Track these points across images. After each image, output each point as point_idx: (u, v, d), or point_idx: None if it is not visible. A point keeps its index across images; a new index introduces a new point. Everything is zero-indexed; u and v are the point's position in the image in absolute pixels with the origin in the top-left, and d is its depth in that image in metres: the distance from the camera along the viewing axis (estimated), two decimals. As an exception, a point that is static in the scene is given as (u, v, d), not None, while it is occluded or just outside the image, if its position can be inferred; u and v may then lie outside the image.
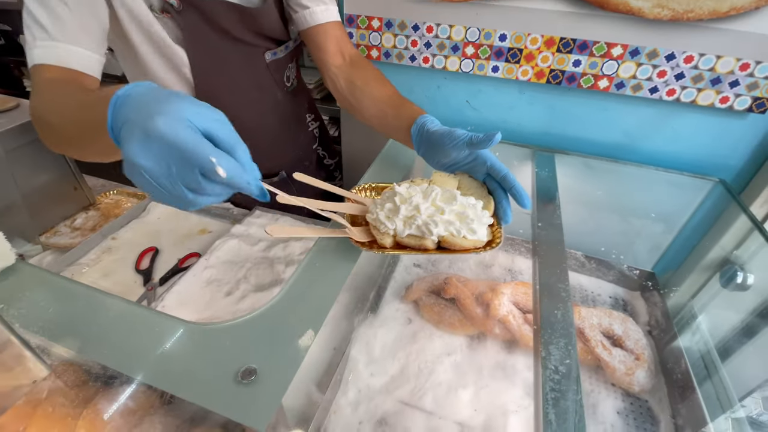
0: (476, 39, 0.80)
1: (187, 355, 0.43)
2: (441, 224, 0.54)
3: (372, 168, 0.78)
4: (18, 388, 0.39)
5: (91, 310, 0.47)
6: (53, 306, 0.45)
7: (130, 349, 0.43)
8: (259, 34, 0.84)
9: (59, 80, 0.61)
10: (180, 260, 0.94)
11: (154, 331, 0.45)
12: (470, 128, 0.93)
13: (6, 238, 0.52)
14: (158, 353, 0.43)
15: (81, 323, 0.45)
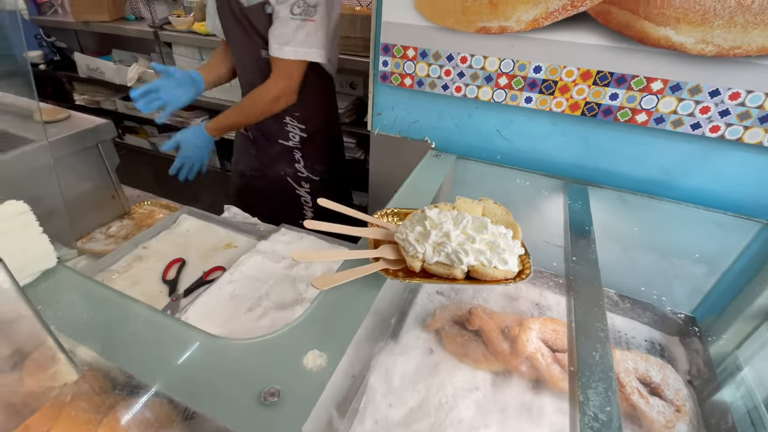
0: (510, 70, 0.80)
1: (212, 369, 0.42)
2: (472, 253, 0.53)
3: (398, 194, 0.78)
4: (49, 389, 0.39)
5: (124, 317, 0.47)
6: (88, 311, 0.46)
7: (157, 359, 0.43)
8: (255, 31, 1.02)
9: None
10: (205, 273, 0.95)
11: (182, 343, 0.45)
12: (499, 157, 0.93)
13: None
14: (184, 365, 0.43)
15: (112, 330, 0.46)
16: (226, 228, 1.11)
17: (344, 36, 1.63)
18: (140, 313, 0.48)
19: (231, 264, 0.96)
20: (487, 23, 0.78)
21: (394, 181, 1.07)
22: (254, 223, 1.13)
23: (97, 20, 2.21)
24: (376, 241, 0.62)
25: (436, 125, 0.94)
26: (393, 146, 1.02)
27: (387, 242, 0.61)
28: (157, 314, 0.49)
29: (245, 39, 1.07)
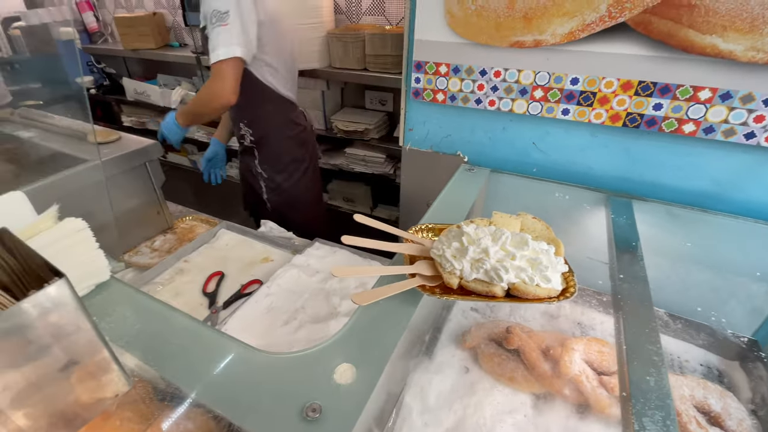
0: (546, 83, 0.79)
1: (255, 383, 0.43)
2: (512, 270, 0.52)
3: (432, 209, 0.78)
4: (101, 400, 0.41)
5: (172, 330, 0.49)
6: (138, 323, 0.49)
7: (201, 371, 0.45)
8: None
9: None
10: (243, 286, 0.98)
11: (226, 355, 0.46)
12: (536, 170, 0.92)
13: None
14: (227, 378, 0.44)
15: (161, 342, 0.48)
16: (263, 242, 1.14)
17: (374, 54, 1.67)
18: (188, 327, 0.50)
19: (268, 277, 0.98)
20: (521, 37, 0.77)
21: (425, 195, 1.07)
22: (289, 238, 1.16)
23: (144, 48, 2.38)
24: (411, 256, 0.61)
25: (468, 139, 0.93)
26: (424, 161, 1.02)
27: (423, 258, 0.60)
28: (204, 327, 0.50)
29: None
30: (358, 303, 0.47)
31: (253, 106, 1.31)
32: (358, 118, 1.91)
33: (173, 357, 0.46)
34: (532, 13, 0.75)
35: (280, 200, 1.49)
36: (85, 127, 1.22)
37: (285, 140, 1.40)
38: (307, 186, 1.52)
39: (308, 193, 1.54)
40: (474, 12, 0.78)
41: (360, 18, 1.91)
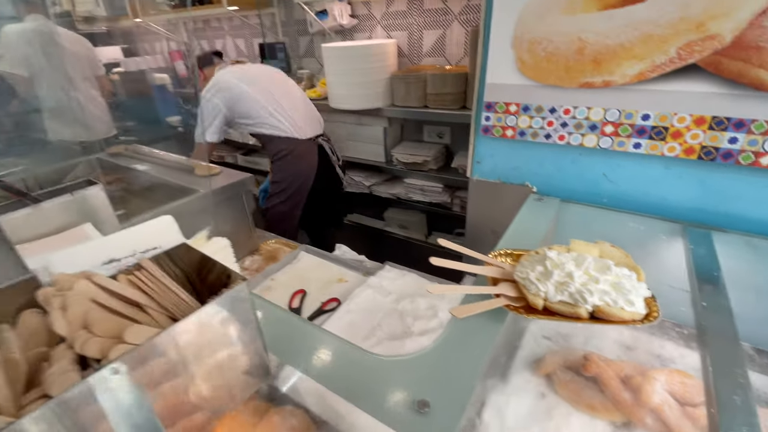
0: (616, 119, 0.84)
1: (370, 380, 0.51)
2: (596, 293, 0.56)
3: (506, 236, 0.83)
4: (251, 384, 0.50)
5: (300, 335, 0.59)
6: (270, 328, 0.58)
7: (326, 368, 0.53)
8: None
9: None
10: (323, 303, 1.08)
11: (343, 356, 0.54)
12: (606, 200, 0.94)
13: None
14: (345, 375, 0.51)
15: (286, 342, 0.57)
16: (338, 264, 1.24)
17: (435, 93, 1.79)
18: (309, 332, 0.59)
19: (344, 296, 1.08)
20: (590, 78, 0.84)
21: (491, 223, 1.13)
22: (361, 260, 1.25)
23: (227, 91, 2.71)
24: (494, 278, 0.67)
25: (536, 171, 0.99)
26: (491, 191, 1.09)
27: (505, 280, 0.66)
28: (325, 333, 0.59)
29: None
30: (456, 315, 0.54)
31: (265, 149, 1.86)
32: (417, 150, 2.02)
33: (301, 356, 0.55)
34: (601, 57, 0.81)
35: (270, 201, 1.87)
36: (190, 162, 1.43)
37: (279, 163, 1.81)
38: (287, 199, 1.84)
39: (285, 206, 1.86)
40: (544, 58, 0.86)
41: (421, 59, 2.06)
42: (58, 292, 0.38)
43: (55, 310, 0.36)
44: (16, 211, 0.68)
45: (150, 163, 1.53)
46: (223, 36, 2.93)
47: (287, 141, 1.75)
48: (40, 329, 0.38)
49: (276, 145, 1.76)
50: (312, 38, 2.42)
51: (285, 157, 1.77)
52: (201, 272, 0.58)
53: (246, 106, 1.71)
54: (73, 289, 0.37)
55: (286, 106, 1.74)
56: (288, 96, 1.78)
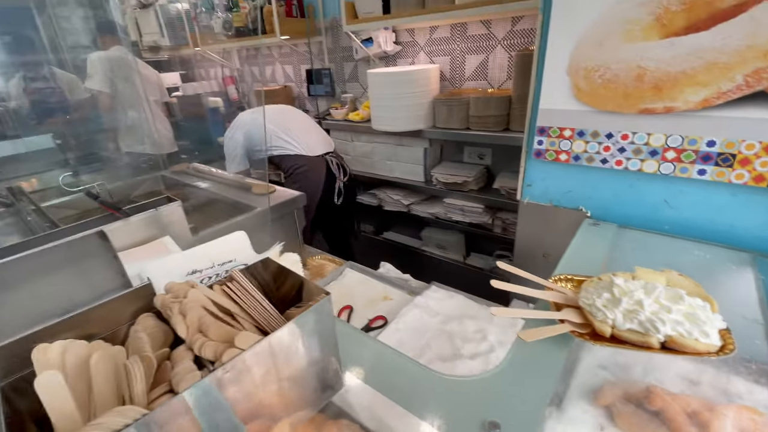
0: (679, 145, 0.83)
1: (439, 398, 0.52)
2: (669, 323, 0.55)
3: (563, 261, 0.83)
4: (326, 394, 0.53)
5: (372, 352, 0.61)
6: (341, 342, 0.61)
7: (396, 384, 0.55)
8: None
9: None
10: (370, 320, 1.10)
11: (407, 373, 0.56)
12: (668, 227, 0.92)
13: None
14: (415, 392, 0.53)
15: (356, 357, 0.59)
16: (383, 282, 1.26)
17: (477, 115, 1.81)
18: (375, 347, 0.61)
19: (390, 314, 1.09)
20: (651, 105, 0.83)
21: (542, 246, 1.12)
22: (406, 279, 1.27)
23: (273, 113, 2.87)
24: (556, 303, 0.67)
25: (591, 195, 0.98)
26: (542, 214, 1.08)
27: (568, 306, 0.66)
28: (391, 350, 0.61)
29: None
30: (524, 339, 0.55)
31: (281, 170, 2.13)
32: (457, 170, 2.04)
33: (366, 367, 0.57)
34: (662, 84, 0.81)
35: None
36: (246, 180, 1.52)
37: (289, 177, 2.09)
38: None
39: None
40: (601, 84, 0.87)
41: (463, 83, 2.11)
42: (175, 299, 0.42)
43: (176, 315, 0.40)
44: (112, 222, 0.75)
45: (209, 180, 1.64)
46: (273, 62, 3.12)
47: (297, 158, 2.04)
48: (157, 331, 0.43)
49: (287, 162, 2.06)
50: (356, 64, 2.53)
51: (296, 172, 2.05)
52: (275, 284, 0.62)
53: (258, 134, 2.05)
54: (188, 296, 0.42)
55: (295, 130, 2.06)
56: (297, 122, 2.12)
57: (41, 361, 0.41)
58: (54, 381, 0.37)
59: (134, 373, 0.34)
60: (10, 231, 1.30)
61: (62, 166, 2.01)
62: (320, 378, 0.51)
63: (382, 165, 2.32)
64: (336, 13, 2.46)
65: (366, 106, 2.31)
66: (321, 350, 0.49)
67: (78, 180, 1.65)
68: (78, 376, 0.41)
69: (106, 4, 2.53)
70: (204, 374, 0.36)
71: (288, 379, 0.46)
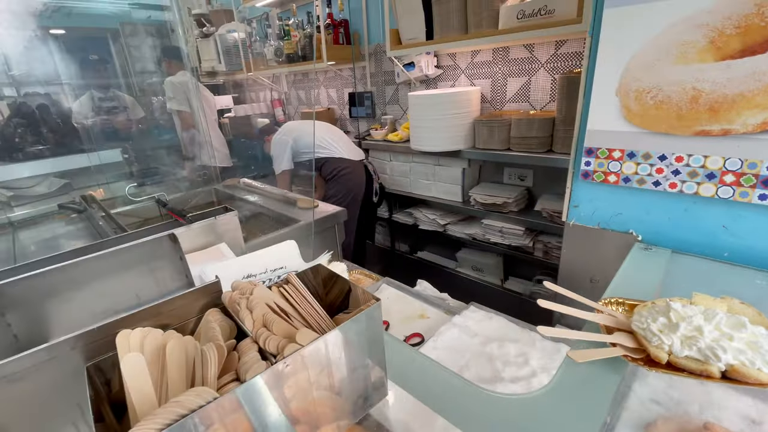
0: (738, 168, 0.80)
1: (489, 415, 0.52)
2: (730, 351, 0.52)
3: (613, 284, 0.80)
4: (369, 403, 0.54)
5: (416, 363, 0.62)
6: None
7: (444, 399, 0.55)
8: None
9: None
10: (406, 337, 1.10)
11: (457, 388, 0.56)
12: (727, 254, 0.87)
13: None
14: (462, 407, 0.53)
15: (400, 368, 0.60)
16: (419, 300, 1.27)
17: (519, 137, 1.81)
18: (421, 361, 0.62)
19: (427, 332, 1.09)
20: (707, 127, 0.81)
21: (589, 270, 1.09)
22: (443, 299, 1.27)
23: (316, 133, 3.02)
24: (606, 327, 0.65)
25: (642, 218, 0.95)
26: (589, 237, 1.06)
27: (619, 330, 0.64)
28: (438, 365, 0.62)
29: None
30: (575, 359, 0.54)
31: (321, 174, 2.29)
32: (497, 191, 2.03)
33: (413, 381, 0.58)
34: (718, 106, 0.79)
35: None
36: (293, 195, 1.60)
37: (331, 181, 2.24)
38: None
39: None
40: (653, 106, 0.86)
41: (504, 105, 2.12)
42: (242, 296, 0.46)
43: (244, 309, 0.44)
44: (178, 228, 0.83)
45: (257, 194, 1.74)
46: (318, 86, 3.29)
47: (340, 161, 2.23)
48: (224, 324, 0.47)
49: (331, 165, 2.22)
50: (397, 87, 2.62)
51: (339, 174, 2.21)
52: (324, 289, 0.65)
53: (305, 139, 2.29)
54: (253, 294, 0.46)
55: (335, 138, 2.29)
56: (338, 134, 2.36)
57: (124, 345, 0.46)
58: (137, 362, 0.41)
59: (209, 357, 0.38)
60: (82, 234, 1.44)
61: (127, 177, 2.20)
62: (368, 382, 0.52)
63: (418, 184, 2.35)
64: (380, 40, 2.58)
65: (405, 127, 2.37)
66: (369, 355, 0.51)
67: (141, 190, 1.81)
68: (154, 361, 0.45)
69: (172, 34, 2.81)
70: (268, 365, 0.39)
71: (339, 380, 0.48)
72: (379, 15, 2.50)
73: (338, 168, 2.22)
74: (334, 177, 2.22)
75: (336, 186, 2.22)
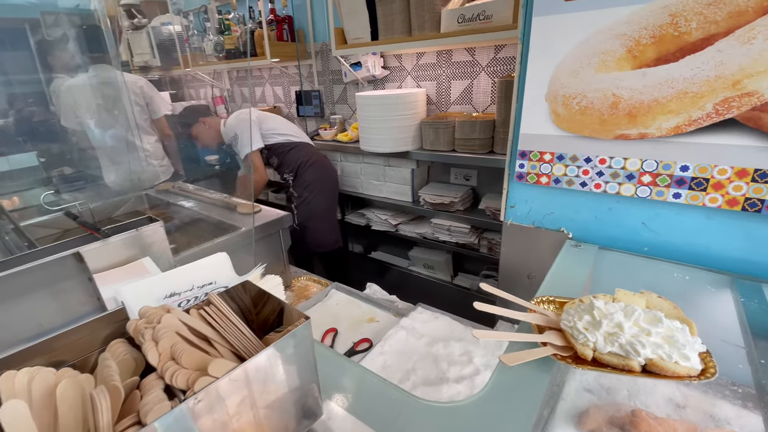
0: (654, 169, 0.86)
1: (424, 426, 0.51)
2: (649, 346, 0.55)
3: (546, 282, 0.83)
4: (303, 424, 0.51)
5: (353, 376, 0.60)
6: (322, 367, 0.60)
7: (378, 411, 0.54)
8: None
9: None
10: (355, 343, 1.08)
11: (391, 400, 0.55)
12: (647, 249, 0.94)
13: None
14: (396, 419, 0.52)
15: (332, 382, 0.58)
16: (368, 303, 1.25)
17: (463, 138, 1.85)
18: (358, 373, 0.60)
19: (375, 336, 1.08)
20: (626, 131, 0.87)
21: (526, 267, 1.13)
22: (392, 301, 1.26)
23: (263, 133, 2.89)
24: (538, 326, 0.67)
25: (572, 217, 1.00)
26: (525, 235, 1.10)
27: (550, 328, 0.66)
28: (374, 376, 0.60)
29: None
30: (506, 363, 0.54)
31: (282, 160, 2.20)
32: (444, 191, 2.07)
33: (347, 395, 0.56)
34: (636, 111, 0.84)
35: (305, 212, 2.18)
36: (232, 200, 1.51)
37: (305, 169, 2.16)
38: (323, 198, 2.21)
39: (323, 203, 2.22)
40: (578, 111, 0.90)
41: (449, 107, 2.16)
42: (149, 325, 0.41)
43: (148, 341, 0.39)
44: (90, 243, 0.74)
45: (194, 200, 1.62)
46: (263, 84, 3.16)
47: (309, 146, 2.21)
48: (129, 358, 0.41)
49: (303, 150, 2.17)
50: (346, 87, 2.58)
51: (308, 164, 2.16)
52: (255, 308, 0.61)
53: (269, 123, 2.20)
54: (161, 322, 0.41)
55: (295, 128, 2.29)
56: (292, 123, 2.34)
57: (7, 390, 0.39)
58: (19, 411, 0.35)
59: (99, 404, 0.33)
60: (-15, 251, 1.25)
61: (45, 184, 1.97)
62: (299, 406, 0.49)
63: (369, 185, 2.34)
64: (326, 38, 2.52)
65: (354, 128, 2.35)
66: (299, 377, 0.48)
67: (60, 199, 1.62)
68: (44, 405, 0.39)
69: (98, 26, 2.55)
70: (174, 404, 0.34)
71: (265, 407, 0.44)
72: (324, 12, 2.44)
73: (311, 153, 2.18)
74: (310, 162, 2.16)
75: (313, 172, 2.16)
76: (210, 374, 0.37)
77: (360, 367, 0.62)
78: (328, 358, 0.65)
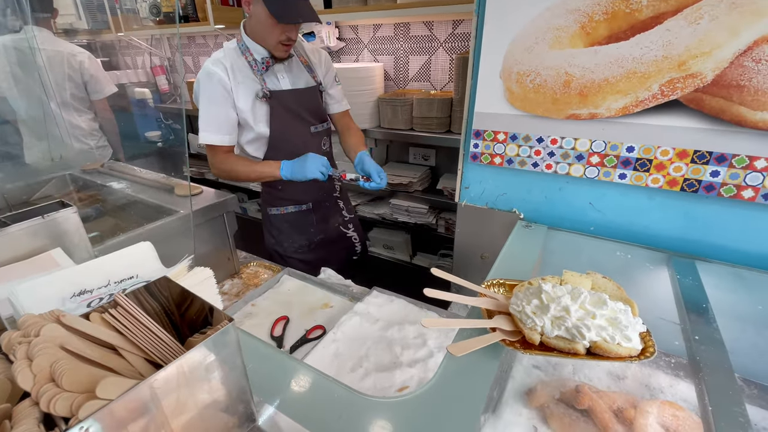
0: (602, 150, 0.86)
1: (366, 423, 0.47)
2: (593, 329, 0.55)
3: (497, 264, 0.83)
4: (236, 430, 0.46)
5: (285, 372, 0.55)
6: (253, 364, 0.55)
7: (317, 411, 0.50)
8: (308, 111, 1.38)
9: (228, 152, 1.28)
10: (307, 331, 1.03)
11: (331, 396, 0.51)
12: (593, 228, 0.96)
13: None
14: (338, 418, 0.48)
15: (270, 380, 0.53)
16: (323, 289, 1.20)
17: (421, 117, 1.81)
18: (294, 369, 0.55)
19: (329, 323, 1.04)
20: (577, 111, 0.86)
21: (480, 247, 1.12)
22: (348, 285, 1.22)
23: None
24: (489, 311, 0.66)
25: (524, 198, 0.99)
26: (479, 216, 1.09)
27: (499, 312, 0.65)
28: (314, 371, 0.56)
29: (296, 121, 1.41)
30: (454, 353, 0.52)
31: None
32: (403, 171, 2.03)
33: (284, 394, 0.52)
34: (587, 91, 0.83)
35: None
36: (170, 180, 1.38)
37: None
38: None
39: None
40: (532, 89, 0.88)
41: (407, 84, 2.09)
42: (24, 339, 0.34)
43: (19, 360, 0.32)
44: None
45: (127, 180, 1.47)
46: (207, 52, 2.91)
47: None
48: (3, 379, 0.34)
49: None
50: (299, 58, 2.43)
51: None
52: (181, 306, 0.54)
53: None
54: (40, 334, 0.33)
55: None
56: None
57: None
58: None
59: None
60: None
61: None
62: (227, 416, 0.44)
63: (326, 165, 2.25)
64: (276, 5, 2.33)
65: (309, 104, 2.22)
66: (225, 385, 0.42)
67: (-38, 180, 1.40)
68: None
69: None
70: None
71: (183, 425, 0.39)
72: (273, -24, 2.25)
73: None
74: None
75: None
76: (99, 396, 0.31)
77: (303, 364, 0.57)
78: (268, 356, 0.59)
